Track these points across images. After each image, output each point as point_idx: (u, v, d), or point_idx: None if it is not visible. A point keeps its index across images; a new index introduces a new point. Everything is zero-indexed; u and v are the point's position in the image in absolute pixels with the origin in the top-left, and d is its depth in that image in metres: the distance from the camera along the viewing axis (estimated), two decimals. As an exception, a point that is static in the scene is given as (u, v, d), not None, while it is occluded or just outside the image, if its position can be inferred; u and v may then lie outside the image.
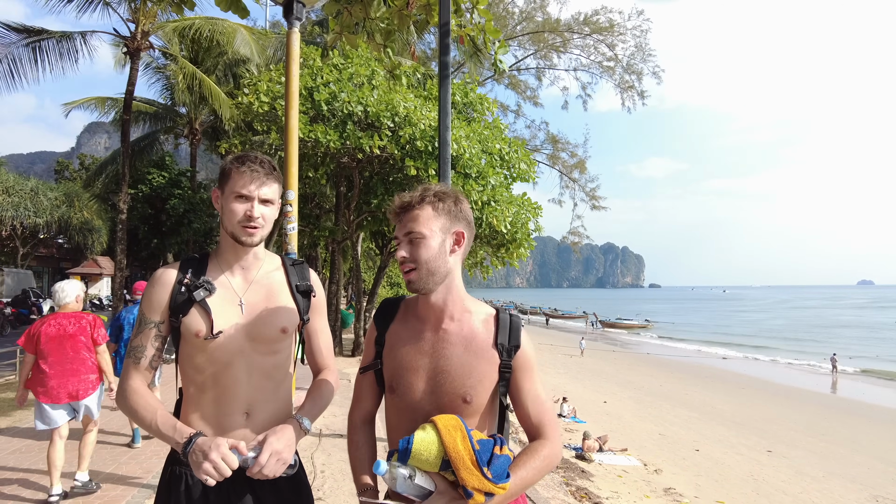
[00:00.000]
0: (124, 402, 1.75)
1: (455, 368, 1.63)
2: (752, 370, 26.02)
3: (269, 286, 1.89)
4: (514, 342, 1.68)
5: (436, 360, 1.66)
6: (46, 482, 4.84)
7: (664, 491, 7.00)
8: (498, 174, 12.15)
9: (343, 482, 5.34)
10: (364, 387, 1.83)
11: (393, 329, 1.76)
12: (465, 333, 1.67)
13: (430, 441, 1.47)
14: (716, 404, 15.62)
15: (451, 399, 1.62)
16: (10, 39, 13.78)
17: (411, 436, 1.48)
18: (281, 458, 1.63)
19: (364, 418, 1.83)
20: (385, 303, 1.85)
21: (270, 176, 1.80)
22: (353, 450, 1.79)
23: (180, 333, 1.77)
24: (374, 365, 1.76)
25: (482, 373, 1.64)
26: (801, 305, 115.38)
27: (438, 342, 1.67)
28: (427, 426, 1.51)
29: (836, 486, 8.69)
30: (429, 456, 1.46)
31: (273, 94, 11.97)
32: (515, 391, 1.69)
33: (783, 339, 44.25)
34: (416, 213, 1.65)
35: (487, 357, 1.65)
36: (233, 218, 1.76)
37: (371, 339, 1.81)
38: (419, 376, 1.66)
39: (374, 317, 1.83)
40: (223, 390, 1.78)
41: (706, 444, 10.38)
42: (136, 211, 27.27)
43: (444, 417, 1.53)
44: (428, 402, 1.64)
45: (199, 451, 1.56)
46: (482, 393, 1.64)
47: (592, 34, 24.42)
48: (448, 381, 1.63)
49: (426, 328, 1.71)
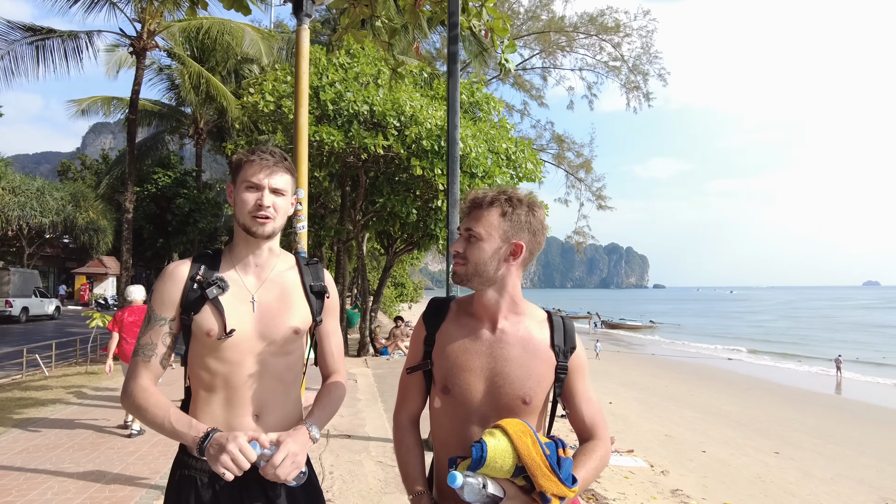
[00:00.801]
0: (131, 401, 1.69)
1: (515, 370, 1.62)
2: (758, 371, 25.90)
3: (282, 285, 1.84)
4: (570, 344, 1.70)
5: (494, 360, 1.64)
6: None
7: (671, 492, 6.94)
8: (504, 174, 12.11)
9: (352, 483, 5.31)
10: (411, 387, 1.80)
11: (444, 328, 1.72)
12: (522, 334, 1.67)
13: (504, 449, 1.44)
14: (721, 405, 15.54)
15: (511, 400, 1.61)
16: (13, 37, 13.79)
17: (482, 444, 1.44)
18: (295, 461, 1.58)
19: (412, 419, 1.80)
20: (434, 302, 1.82)
21: (281, 165, 1.76)
22: (403, 452, 1.75)
23: (191, 332, 1.73)
24: (424, 365, 1.73)
25: (540, 374, 1.64)
26: (807, 306, 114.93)
27: (496, 342, 1.65)
28: (496, 432, 1.48)
29: (844, 488, 8.62)
30: (503, 464, 1.43)
31: (279, 94, 11.96)
32: (569, 392, 1.71)
33: (788, 340, 44.04)
34: (482, 214, 1.63)
35: (545, 358, 1.66)
36: (244, 208, 1.72)
37: (419, 339, 1.77)
38: (476, 376, 1.64)
39: (424, 316, 1.80)
40: (233, 391, 1.73)
41: (713, 445, 10.32)
42: (141, 210, 27.35)
43: (512, 422, 1.50)
44: (485, 404, 1.62)
45: (216, 445, 1.52)
46: (540, 394, 1.64)
47: (598, 34, 24.34)
48: (507, 382, 1.61)
49: (482, 328, 1.68)
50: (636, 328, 52.32)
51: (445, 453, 1.67)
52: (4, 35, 13.76)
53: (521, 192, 1.69)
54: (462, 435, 1.62)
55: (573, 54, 25.58)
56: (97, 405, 8.50)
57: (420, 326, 1.79)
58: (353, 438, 6.94)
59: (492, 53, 19.68)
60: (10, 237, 29.58)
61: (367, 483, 5.35)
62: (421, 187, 12.48)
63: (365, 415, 8.39)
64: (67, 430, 6.94)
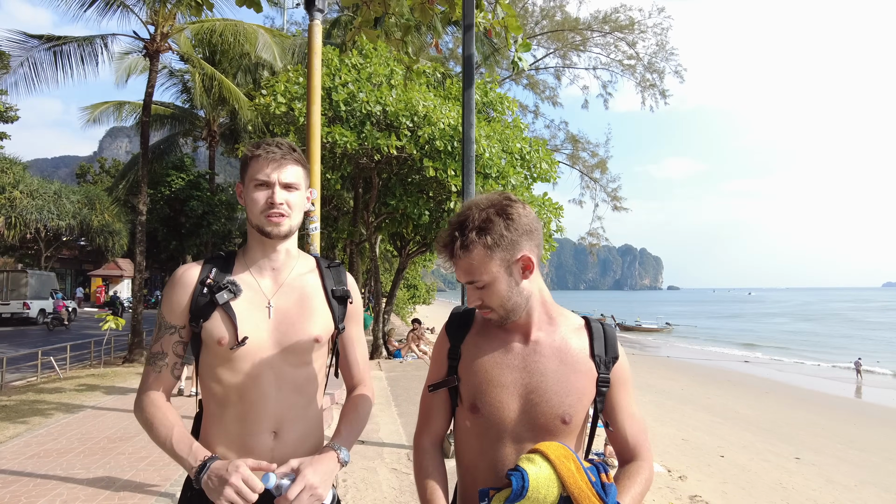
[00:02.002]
0: (140, 414, 1.58)
1: (552, 385, 1.44)
2: (776, 374, 25.52)
3: (301, 289, 1.69)
4: (612, 353, 1.52)
5: (528, 374, 1.46)
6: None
7: (690, 498, 6.79)
8: (518, 174, 11.99)
9: (366, 492, 5.22)
10: (435, 406, 1.61)
11: (470, 340, 1.55)
12: (558, 344, 1.49)
13: (547, 477, 1.29)
14: (739, 409, 15.30)
15: (549, 420, 1.43)
16: (31, 44, 14.04)
17: (522, 473, 1.29)
18: (315, 494, 1.42)
19: (434, 442, 1.61)
20: (458, 311, 1.64)
21: (289, 158, 1.62)
22: (423, 479, 1.54)
23: (201, 340, 1.60)
24: (449, 381, 1.54)
25: (581, 389, 1.46)
26: (826, 308, 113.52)
27: (530, 355, 1.48)
28: (535, 458, 1.33)
29: (869, 495, 8.41)
30: (547, 495, 1.27)
31: (291, 95, 11.92)
32: (611, 408, 1.53)
33: (807, 342, 43.44)
34: (468, 262, 1.41)
35: (584, 370, 1.48)
36: (255, 208, 1.59)
37: (443, 353, 1.59)
38: (509, 393, 1.46)
39: (446, 327, 1.62)
40: (249, 406, 1.59)
41: (731, 449, 10.13)
42: (155, 213, 27.56)
43: (552, 446, 1.36)
44: (520, 423, 1.45)
45: (214, 477, 1.39)
46: (581, 411, 1.47)
47: (612, 32, 24.18)
48: (545, 399, 1.44)
49: (513, 339, 1.51)
50: (651, 331, 51.75)
51: (472, 478, 1.52)
52: (23, 42, 14.01)
53: (474, 207, 1.44)
54: (493, 458, 1.46)
55: (587, 53, 25.47)
56: (110, 409, 8.49)
57: (443, 339, 1.61)
58: (367, 444, 6.84)
59: (504, 53, 19.57)
60: (28, 240, 29.92)
61: (381, 491, 5.25)
62: (434, 188, 12.40)
63: (379, 419, 8.29)
64: (79, 434, 6.92)
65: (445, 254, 1.45)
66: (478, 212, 1.41)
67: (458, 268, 1.44)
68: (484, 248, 1.39)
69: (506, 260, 1.41)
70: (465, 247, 1.39)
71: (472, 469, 1.53)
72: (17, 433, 6.95)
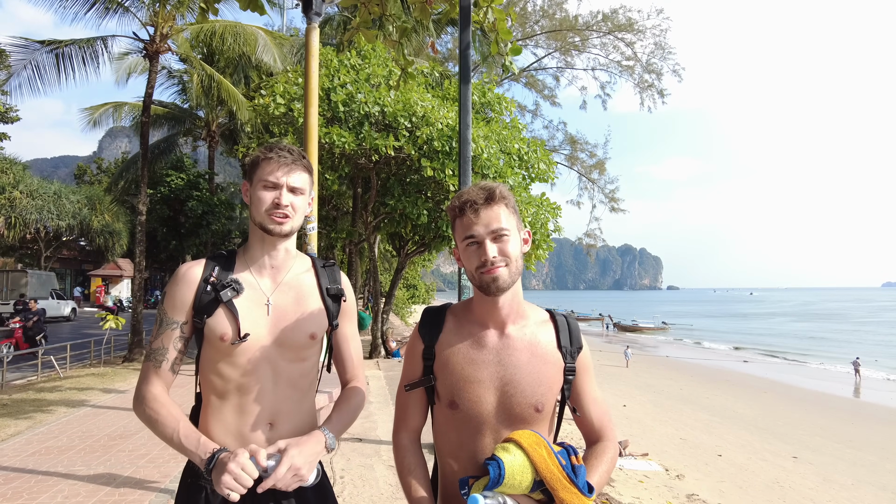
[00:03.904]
0: (142, 410, 1.62)
1: (525, 376, 1.55)
2: (774, 374, 25.56)
3: (298, 288, 1.78)
4: (576, 344, 1.64)
5: (503, 368, 1.56)
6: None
7: (687, 497, 6.83)
8: (516, 174, 12.03)
9: (363, 488, 5.26)
10: (411, 403, 1.69)
11: (444, 340, 1.62)
12: (529, 338, 1.59)
13: (521, 464, 1.39)
14: (737, 408, 15.34)
15: (523, 409, 1.54)
16: (34, 47, 14.12)
17: (498, 462, 1.39)
18: (298, 475, 1.51)
19: (413, 439, 1.69)
20: (429, 312, 1.71)
21: (299, 163, 1.71)
22: (406, 475, 1.61)
23: (203, 335, 1.67)
24: (425, 381, 1.63)
25: (551, 378, 1.58)
26: (825, 308, 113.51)
27: (503, 349, 1.57)
28: (509, 447, 1.43)
29: (866, 494, 8.45)
30: (522, 480, 1.38)
31: (290, 96, 11.96)
32: (577, 394, 1.65)
33: (806, 341, 43.48)
34: (497, 211, 1.54)
35: (553, 361, 1.59)
36: (260, 206, 1.67)
37: (417, 353, 1.66)
38: (486, 388, 1.55)
39: (419, 328, 1.69)
40: (247, 398, 1.68)
41: (729, 449, 10.17)
42: (154, 213, 27.60)
43: (525, 434, 1.45)
44: (497, 415, 1.55)
45: (220, 466, 1.47)
46: (551, 399, 1.58)
47: (611, 32, 24.20)
48: (519, 390, 1.54)
49: (487, 335, 1.60)
50: (648, 330, 51.85)
51: (452, 468, 1.59)
52: (26, 46, 14.09)
53: (491, 183, 1.62)
54: (472, 449, 1.55)
55: (586, 54, 25.49)
56: (110, 407, 8.53)
57: (416, 339, 1.68)
58: (365, 442, 6.89)
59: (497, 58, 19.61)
60: (28, 240, 29.96)
61: (377, 488, 5.30)
62: (432, 188, 12.44)
63: (376, 418, 8.34)
64: (80, 432, 6.96)
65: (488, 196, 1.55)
66: (497, 186, 1.58)
67: (487, 217, 1.53)
68: (507, 206, 1.57)
69: (517, 227, 1.58)
70: (502, 197, 1.56)
71: (452, 457, 1.60)
72: (19, 431, 7.00)
